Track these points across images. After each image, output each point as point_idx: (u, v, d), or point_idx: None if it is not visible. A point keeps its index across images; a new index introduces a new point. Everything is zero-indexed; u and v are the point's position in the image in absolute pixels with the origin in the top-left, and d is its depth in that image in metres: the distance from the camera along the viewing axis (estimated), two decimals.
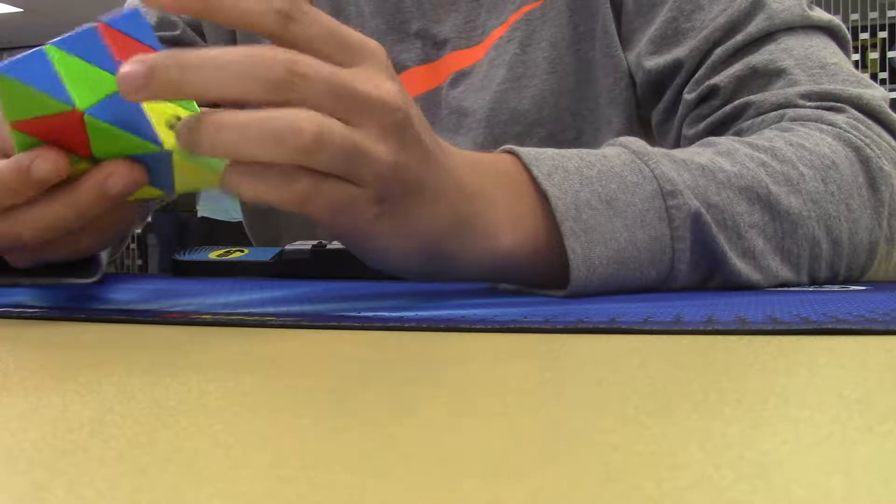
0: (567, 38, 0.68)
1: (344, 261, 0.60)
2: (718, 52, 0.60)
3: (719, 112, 0.60)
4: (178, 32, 0.76)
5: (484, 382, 0.20)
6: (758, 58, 0.59)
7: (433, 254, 0.41)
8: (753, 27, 0.60)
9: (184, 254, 0.68)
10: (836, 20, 0.62)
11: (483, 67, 0.71)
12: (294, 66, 0.34)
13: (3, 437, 0.15)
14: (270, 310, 0.38)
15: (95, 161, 0.36)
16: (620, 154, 0.45)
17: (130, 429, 0.15)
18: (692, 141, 0.59)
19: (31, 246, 0.39)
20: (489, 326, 0.30)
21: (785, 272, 0.48)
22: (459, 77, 0.71)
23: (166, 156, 0.36)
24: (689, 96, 0.62)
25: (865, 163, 0.52)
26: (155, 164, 0.37)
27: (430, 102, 0.72)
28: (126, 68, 0.33)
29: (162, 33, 0.76)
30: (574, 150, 0.45)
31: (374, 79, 0.36)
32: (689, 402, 0.17)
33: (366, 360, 0.24)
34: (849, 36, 0.63)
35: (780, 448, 0.13)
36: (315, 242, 0.62)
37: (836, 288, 0.48)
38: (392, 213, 0.38)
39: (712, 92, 0.61)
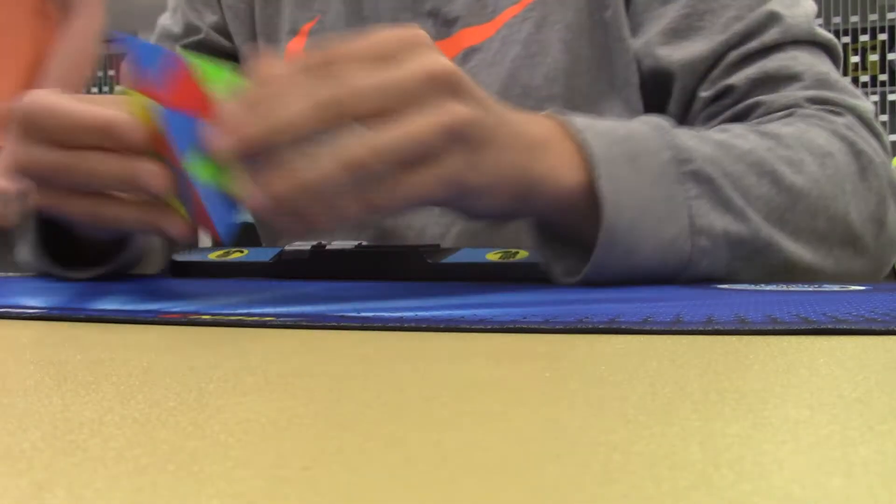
0: (583, 21, 0.71)
1: (344, 261, 0.60)
2: (733, 54, 0.66)
3: (731, 110, 0.66)
4: (202, 36, 0.82)
5: (484, 382, 0.20)
6: (770, 63, 0.66)
7: (516, 194, 0.46)
8: (768, 37, 0.66)
9: (183, 254, 0.68)
10: (834, 39, 0.70)
11: (495, 44, 0.73)
12: (338, 89, 0.40)
13: (3, 437, 0.15)
14: (270, 310, 0.38)
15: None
16: (642, 127, 0.52)
17: (130, 429, 0.15)
18: None
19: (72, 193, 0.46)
20: (489, 326, 0.30)
21: (783, 240, 0.53)
22: (470, 53, 0.74)
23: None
24: (705, 94, 0.67)
25: (857, 155, 0.60)
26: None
27: None
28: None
29: (188, 39, 0.81)
30: (600, 119, 0.51)
31: (416, 60, 0.41)
32: (689, 402, 0.17)
33: (366, 360, 0.24)
34: (842, 54, 0.71)
35: (780, 448, 0.13)
36: (315, 243, 0.62)
37: (836, 288, 0.48)
38: (480, 163, 0.43)
39: (727, 91, 0.66)
